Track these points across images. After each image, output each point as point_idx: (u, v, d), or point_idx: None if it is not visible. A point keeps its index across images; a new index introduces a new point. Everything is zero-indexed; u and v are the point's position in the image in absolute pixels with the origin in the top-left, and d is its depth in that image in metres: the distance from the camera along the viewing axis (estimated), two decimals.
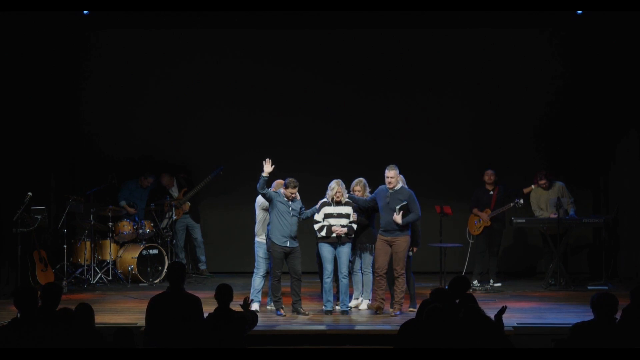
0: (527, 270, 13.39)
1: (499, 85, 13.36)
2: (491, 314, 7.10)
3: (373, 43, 13.35)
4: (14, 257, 11.29)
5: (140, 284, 12.47)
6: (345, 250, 10.23)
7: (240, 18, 12.21)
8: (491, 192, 12.31)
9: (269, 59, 13.41)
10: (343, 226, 10.14)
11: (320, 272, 10.46)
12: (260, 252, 10.48)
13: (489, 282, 12.18)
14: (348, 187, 10.40)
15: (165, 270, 12.61)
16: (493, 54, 13.30)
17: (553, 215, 12.10)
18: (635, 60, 12.01)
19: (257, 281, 10.44)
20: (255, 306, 10.20)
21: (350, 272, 10.55)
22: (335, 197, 10.16)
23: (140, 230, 12.78)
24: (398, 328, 7.05)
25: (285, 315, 10.09)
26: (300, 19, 12.31)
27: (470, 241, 12.47)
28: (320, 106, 13.44)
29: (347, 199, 10.24)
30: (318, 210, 10.26)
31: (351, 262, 10.50)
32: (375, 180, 10.37)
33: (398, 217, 9.94)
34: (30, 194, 11.38)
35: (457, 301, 7.13)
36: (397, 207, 9.97)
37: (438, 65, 13.34)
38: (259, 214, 10.58)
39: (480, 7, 10.54)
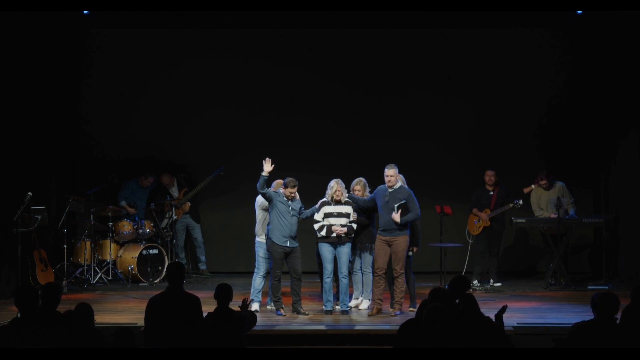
0: (527, 270, 13.39)
1: (499, 85, 13.35)
2: (491, 314, 7.11)
3: (373, 43, 13.35)
4: (14, 257, 11.29)
5: (140, 284, 12.47)
6: (345, 250, 10.23)
7: (240, 18, 12.22)
8: (491, 192, 12.31)
9: (269, 59, 13.41)
10: (343, 225, 10.14)
11: (320, 272, 10.46)
12: (260, 252, 10.48)
13: (489, 282, 12.18)
14: (348, 187, 10.40)
15: (165, 270, 12.61)
16: (493, 54, 13.30)
17: (553, 215, 12.11)
18: (635, 60, 12.00)
19: (258, 281, 10.44)
20: (255, 306, 10.21)
21: (350, 272, 10.55)
22: (334, 196, 10.17)
23: (141, 230, 12.79)
24: (398, 328, 7.05)
25: (285, 315, 10.10)
26: (300, 19, 12.31)
27: (470, 241, 12.47)
28: (320, 106, 13.44)
29: (346, 199, 10.25)
30: (318, 210, 10.27)
31: (351, 262, 10.50)
32: (375, 180, 10.38)
33: (396, 216, 9.94)
34: (30, 193, 11.37)
35: (457, 301, 7.12)
36: (396, 205, 9.97)
37: (438, 65, 13.34)
38: (259, 214, 10.58)
39: (480, 7, 10.54)
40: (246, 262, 12.17)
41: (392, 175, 10.06)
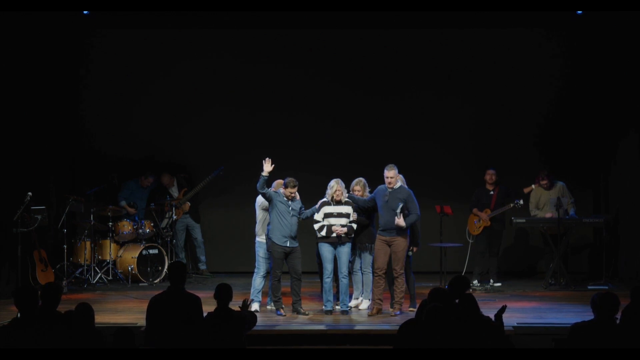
0: (527, 270, 13.40)
1: (499, 85, 13.35)
2: (491, 314, 7.11)
3: (373, 43, 13.35)
4: (14, 257, 11.29)
5: (140, 284, 12.47)
6: (345, 250, 10.23)
7: (240, 18, 12.22)
8: (492, 192, 12.31)
9: (269, 59, 13.41)
10: (343, 226, 10.14)
11: (320, 272, 10.46)
12: (260, 252, 10.48)
13: (489, 282, 12.18)
14: (348, 187, 10.40)
15: (165, 270, 12.62)
16: (493, 54, 13.30)
17: (548, 215, 12.13)
18: (635, 60, 12.01)
19: (258, 281, 10.44)
20: (255, 306, 10.21)
21: (350, 272, 10.55)
22: (334, 195, 10.16)
23: (140, 230, 12.79)
24: (398, 328, 7.05)
25: (285, 315, 10.09)
26: (300, 19, 12.31)
27: (470, 241, 12.48)
28: (320, 106, 13.45)
29: (346, 199, 10.24)
30: (318, 210, 10.26)
31: (351, 262, 10.50)
32: (375, 180, 10.37)
33: (401, 221, 9.91)
34: (30, 193, 11.37)
35: (457, 301, 7.12)
36: (397, 210, 9.91)
37: (438, 65, 13.34)
38: (259, 214, 10.58)
39: (480, 7, 10.54)
40: (246, 262, 12.17)
41: (392, 177, 10.04)
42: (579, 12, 11.63)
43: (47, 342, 6.44)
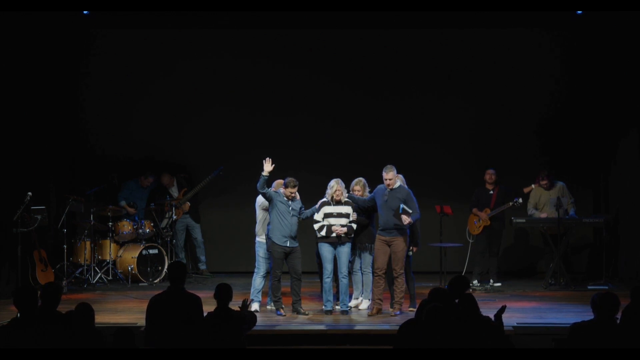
0: (527, 270, 13.39)
1: (499, 85, 13.36)
2: (491, 314, 7.11)
3: (373, 43, 13.36)
4: (14, 257, 11.29)
5: (140, 284, 12.47)
6: (345, 250, 10.23)
7: (240, 18, 12.23)
8: (491, 192, 12.31)
9: (269, 59, 13.42)
10: (343, 226, 10.14)
11: (320, 272, 10.46)
12: (260, 252, 10.48)
13: (489, 281, 12.18)
14: (348, 187, 10.40)
15: (165, 270, 12.62)
16: (493, 53, 13.31)
17: (543, 215, 12.13)
18: (635, 60, 12.01)
19: (258, 281, 10.44)
20: (255, 306, 10.21)
21: (350, 272, 10.55)
22: (334, 195, 10.16)
23: (140, 230, 12.79)
24: (398, 328, 7.05)
25: (285, 315, 10.09)
26: (300, 19, 12.32)
27: (470, 241, 12.48)
28: (320, 106, 13.45)
29: (346, 199, 10.24)
30: (318, 210, 10.26)
31: (351, 262, 10.50)
32: (375, 180, 10.37)
33: (409, 219, 9.88)
34: (30, 193, 11.37)
35: (457, 301, 7.13)
36: (400, 211, 9.89)
37: (438, 65, 13.35)
38: (259, 214, 10.58)
39: (480, 7, 10.54)
40: (246, 262, 12.18)
41: (391, 178, 10.02)
42: (579, 12, 11.63)
43: (47, 342, 6.44)
